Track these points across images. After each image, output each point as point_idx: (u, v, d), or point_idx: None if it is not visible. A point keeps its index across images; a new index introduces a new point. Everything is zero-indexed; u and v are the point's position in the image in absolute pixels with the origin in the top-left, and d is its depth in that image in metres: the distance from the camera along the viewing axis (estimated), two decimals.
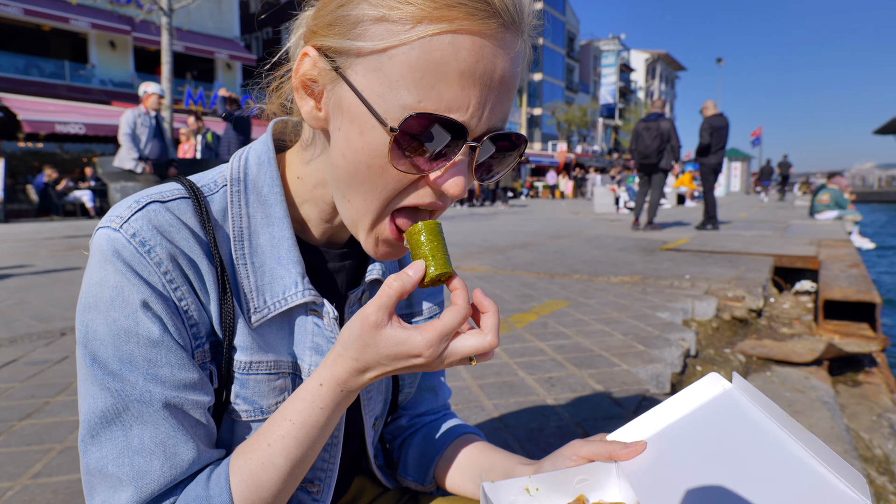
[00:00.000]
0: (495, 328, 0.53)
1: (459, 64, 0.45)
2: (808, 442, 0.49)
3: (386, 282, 0.51)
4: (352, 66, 0.48)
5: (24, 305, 3.44)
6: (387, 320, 0.50)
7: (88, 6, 16.79)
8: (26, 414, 1.80)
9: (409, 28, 0.45)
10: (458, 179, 0.50)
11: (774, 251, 5.43)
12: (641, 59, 66.09)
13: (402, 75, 0.46)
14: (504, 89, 0.49)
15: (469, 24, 0.45)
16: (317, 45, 0.51)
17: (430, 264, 0.53)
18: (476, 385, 2.05)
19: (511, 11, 0.47)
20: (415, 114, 0.45)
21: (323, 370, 0.54)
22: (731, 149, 29.54)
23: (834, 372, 2.96)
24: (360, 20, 0.47)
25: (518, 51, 0.49)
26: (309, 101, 0.53)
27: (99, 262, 0.50)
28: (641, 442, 0.58)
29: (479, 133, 0.49)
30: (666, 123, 7.75)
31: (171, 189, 0.56)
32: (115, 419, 0.50)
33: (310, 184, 0.60)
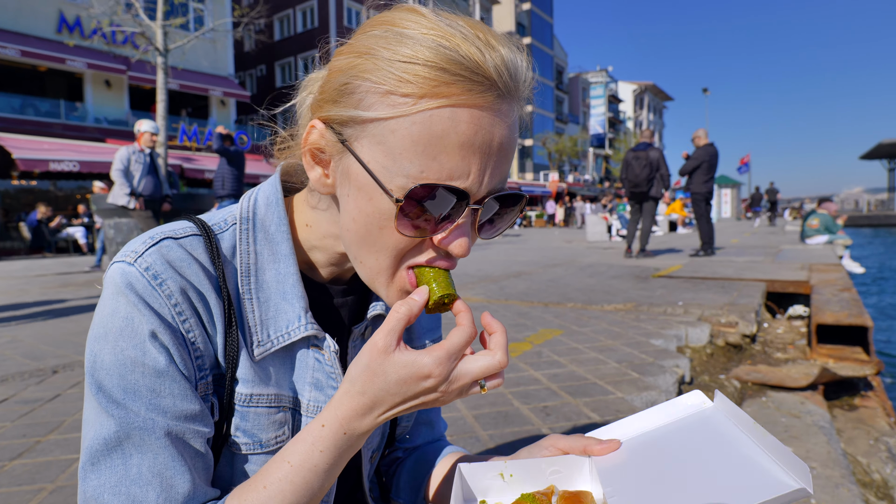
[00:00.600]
0: (504, 346, 0.53)
1: (459, 136, 0.48)
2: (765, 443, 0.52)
3: (393, 308, 0.52)
4: (357, 139, 0.52)
5: (16, 344, 3.41)
6: (395, 345, 0.51)
7: (85, 47, 17.08)
8: (17, 454, 1.77)
9: (411, 103, 0.48)
10: (463, 240, 0.53)
11: (766, 276, 5.47)
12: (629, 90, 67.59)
13: (405, 148, 0.49)
14: (502, 154, 0.52)
15: (467, 99, 0.48)
16: (324, 118, 0.54)
17: (434, 287, 0.54)
18: (471, 416, 2.04)
19: (508, 83, 0.50)
20: (419, 185, 0.49)
21: (327, 410, 0.54)
22: (721, 176, 30.00)
23: (829, 396, 2.97)
24: (365, 94, 0.50)
25: (514, 116, 0.53)
26: (317, 169, 0.57)
27: (112, 294, 0.53)
28: (616, 440, 0.61)
29: (480, 196, 0.52)
30: (655, 153, 7.91)
31: (184, 227, 0.59)
32: (116, 447, 0.51)
33: (319, 233, 0.63)
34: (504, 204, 0.56)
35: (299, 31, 29.71)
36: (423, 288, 0.54)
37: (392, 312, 0.52)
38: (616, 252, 9.97)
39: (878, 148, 43.02)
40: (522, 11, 46.22)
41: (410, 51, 0.48)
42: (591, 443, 0.61)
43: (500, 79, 0.49)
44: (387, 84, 0.49)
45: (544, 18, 49.16)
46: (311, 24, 29.17)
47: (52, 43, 16.80)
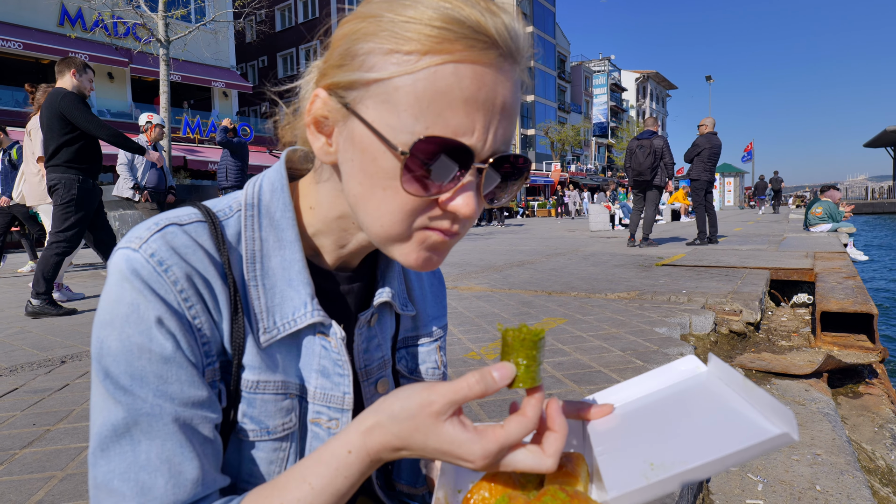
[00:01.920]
0: (558, 453, 0.50)
1: (463, 91, 0.48)
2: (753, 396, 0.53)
3: (468, 379, 0.49)
4: (362, 101, 0.51)
5: (24, 334, 3.44)
6: (450, 415, 0.49)
7: (87, 39, 17.07)
8: (27, 442, 1.79)
9: (415, 60, 0.48)
10: (468, 198, 0.52)
11: (770, 264, 5.46)
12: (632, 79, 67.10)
13: (410, 105, 0.48)
14: (506, 114, 0.52)
15: (470, 55, 0.48)
16: (327, 86, 0.54)
17: (521, 378, 0.50)
18: (476, 403, 2.05)
19: (509, 42, 0.50)
20: (423, 137, 0.48)
21: (356, 436, 0.51)
22: (724, 164, 29.84)
23: (834, 384, 2.97)
24: (368, 54, 0.50)
25: (516, 78, 0.53)
26: (320, 138, 0.56)
27: (117, 280, 0.52)
28: (609, 405, 0.61)
29: (485, 156, 0.52)
30: (659, 141, 7.87)
31: (189, 213, 0.58)
32: (125, 433, 0.51)
33: (322, 213, 0.63)
34: (508, 168, 0.56)
35: (300, 21, 29.56)
36: (508, 369, 0.50)
37: (464, 383, 0.49)
38: (619, 241, 9.95)
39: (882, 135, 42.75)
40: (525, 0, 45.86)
41: (413, 12, 0.49)
42: (583, 407, 0.61)
43: (500, 38, 0.50)
44: (389, 44, 0.49)
45: (547, 7, 48.74)
46: (312, 15, 29.03)
47: (54, 35, 16.80)
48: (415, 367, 0.76)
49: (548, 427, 0.52)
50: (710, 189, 8.39)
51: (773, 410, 0.48)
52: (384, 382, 0.71)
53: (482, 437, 0.48)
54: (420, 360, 0.76)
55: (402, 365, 0.75)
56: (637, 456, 0.52)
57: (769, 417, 0.49)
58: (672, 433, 0.53)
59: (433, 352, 0.77)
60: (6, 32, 15.63)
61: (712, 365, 0.61)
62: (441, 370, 0.78)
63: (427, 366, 0.77)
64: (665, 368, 0.64)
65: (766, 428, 0.47)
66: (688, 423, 0.54)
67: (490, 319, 3.51)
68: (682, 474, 0.48)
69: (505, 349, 0.52)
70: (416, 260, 0.56)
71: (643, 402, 0.61)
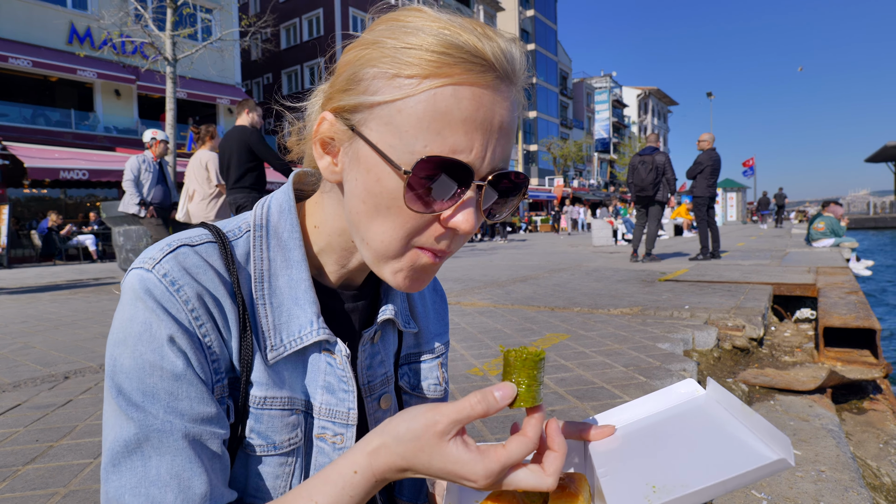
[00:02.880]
0: (557, 473, 0.52)
1: (462, 112, 0.50)
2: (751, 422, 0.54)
3: (470, 400, 0.51)
4: (366, 123, 0.54)
5: (28, 350, 3.45)
6: (454, 435, 0.50)
7: (95, 57, 17.30)
8: (31, 458, 1.80)
9: (416, 83, 0.51)
10: (468, 215, 0.54)
11: (773, 280, 5.46)
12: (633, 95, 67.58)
13: (411, 125, 0.51)
14: (503, 133, 0.54)
15: (468, 77, 0.51)
16: (333, 109, 0.57)
17: (522, 397, 0.52)
18: (479, 421, 2.05)
19: (505, 65, 0.53)
20: (424, 157, 0.50)
21: (361, 456, 0.52)
22: (727, 179, 29.93)
23: (838, 400, 2.95)
24: (372, 79, 0.53)
25: (513, 99, 0.55)
26: (326, 158, 0.59)
27: (130, 299, 0.54)
28: (611, 426, 0.62)
29: (484, 173, 0.54)
30: (661, 157, 7.92)
31: (200, 234, 0.61)
32: (136, 449, 0.52)
33: (325, 232, 0.65)
34: (507, 184, 0.58)
35: (305, 39, 29.95)
36: (509, 389, 0.52)
37: (466, 403, 0.51)
38: (621, 256, 9.95)
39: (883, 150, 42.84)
40: (526, 18, 46.39)
41: (415, 38, 0.51)
42: (585, 428, 0.62)
43: (497, 62, 0.52)
44: (392, 68, 0.52)
45: (548, 25, 49.31)
46: (316, 33, 29.41)
47: (63, 54, 17.03)
48: (417, 383, 0.77)
49: (548, 446, 0.53)
50: (712, 204, 8.42)
51: (770, 436, 0.50)
52: (387, 398, 0.72)
53: (484, 457, 0.49)
54: (422, 376, 0.77)
55: (404, 381, 0.76)
56: (639, 478, 0.53)
57: (767, 443, 0.51)
58: (672, 456, 0.55)
59: (435, 368, 0.78)
60: (16, 50, 15.87)
61: (710, 389, 0.63)
62: (443, 386, 0.79)
63: (429, 382, 0.78)
64: (664, 391, 0.66)
65: (764, 454, 0.49)
66: (688, 447, 0.55)
67: (493, 335, 3.51)
68: (683, 498, 0.49)
69: (506, 369, 0.53)
70: (404, 280, 0.58)
71: (643, 423, 0.62)
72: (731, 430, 0.55)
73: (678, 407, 0.63)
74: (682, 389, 0.65)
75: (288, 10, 30.31)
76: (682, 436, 0.58)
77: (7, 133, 15.61)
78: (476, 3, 38.96)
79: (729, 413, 0.58)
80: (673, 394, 0.65)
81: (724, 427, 0.56)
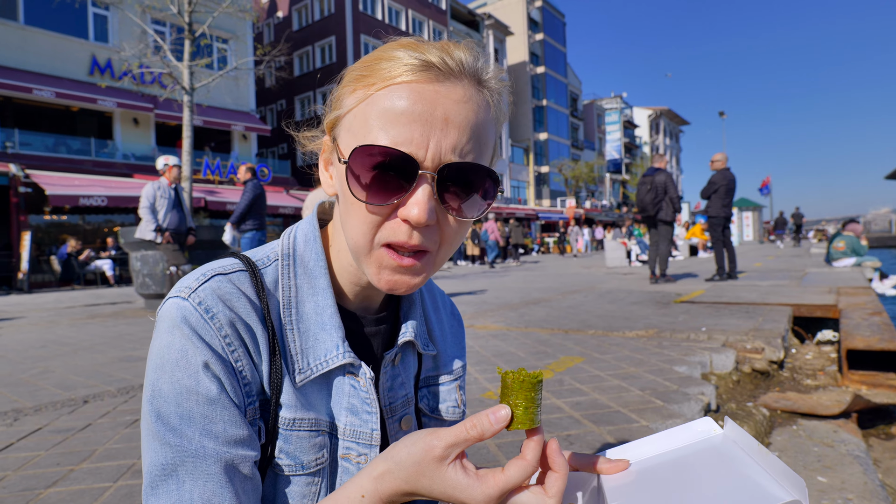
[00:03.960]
0: (560, 494, 0.52)
1: (401, 107, 0.55)
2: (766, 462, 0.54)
3: (465, 424, 0.52)
4: (339, 135, 0.61)
5: (48, 374, 3.49)
6: (452, 459, 0.51)
7: (115, 87, 17.81)
8: (52, 482, 1.81)
9: (367, 91, 0.57)
10: (418, 204, 0.55)
11: (792, 301, 5.37)
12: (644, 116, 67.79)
13: (363, 125, 0.57)
14: (451, 126, 0.56)
15: (409, 77, 0.56)
16: (327, 128, 0.64)
17: (519, 419, 0.52)
18: (493, 444, 2.03)
19: (448, 64, 0.57)
20: (358, 146, 0.55)
21: (368, 482, 0.54)
22: (742, 199, 29.69)
23: (864, 424, 2.88)
24: (342, 97, 0.61)
25: (464, 93, 0.57)
26: (325, 174, 0.66)
27: (168, 328, 0.57)
28: (625, 460, 0.62)
29: (433, 165, 0.56)
30: (661, 176, 7.97)
31: (232, 263, 0.64)
32: (172, 473, 0.54)
33: (336, 250, 0.69)
34: (471, 179, 0.59)
35: (318, 66, 30.58)
36: (504, 412, 0.52)
37: (463, 428, 0.52)
38: (636, 278, 9.88)
39: None
40: (536, 42, 47.00)
41: (376, 59, 0.58)
42: (600, 461, 0.62)
43: (438, 61, 0.56)
44: (353, 84, 0.59)
45: (557, 48, 49.89)
46: (329, 60, 30.04)
47: (84, 84, 17.54)
48: (436, 405, 0.79)
49: (549, 467, 0.54)
50: (727, 224, 8.36)
51: (785, 478, 0.51)
52: (408, 420, 0.73)
53: (483, 481, 0.51)
54: (441, 398, 0.79)
55: (423, 403, 0.77)
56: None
57: (782, 484, 0.51)
58: (687, 495, 0.55)
59: (453, 391, 0.80)
60: (40, 82, 16.38)
61: (728, 428, 0.63)
62: (461, 409, 0.81)
63: (447, 404, 0.79)
64: (681, 428, 0.66)
65: (777, 495, 0.50)
66: (703, 486, 0.55)
67: (507, 358, 3.49)
68: None
69: (504, 391, 0.54)
70: (378, 279, 0.60)
71: (659, 460, 0.63)
72: (746, 471, 0.55)
73: (694, 445, 0.64)
74: (700, 427, 0.65)
75: (301, 38, 31.06)
76: (698, 475, 0.58)
77: (30, 161, 16.03)
78: (485, 29, 39.60)
79: (745, 453, 0.58)
80: (690, 431, 0.65)
81: (739, 468, 0.56)
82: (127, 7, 16.78)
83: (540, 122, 46.77)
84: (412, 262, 0.59)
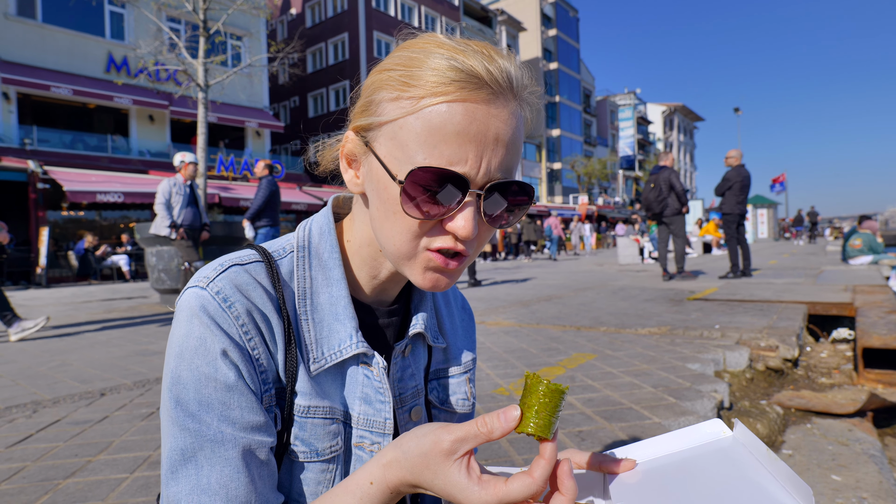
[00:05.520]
0: None
1: (455, 126, 0.55)
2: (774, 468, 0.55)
3: (476, 422, 0.52)
4: (376, 140, 0.60)
5: (66, 367, 3.56)
6: (460, 456, 0.52)
7: (131, 85, 18.02)
8: (70, 472, 1.85)
9: (414, 103, 0.56)
10: (465, 220, 0.57)
11: (807, 298, 5.31)
12: (658, 112, 67.14)
13: (411, 140, 0.56)
14: (500, 145, 0.57)
15: (462, 95, 0.55)
16: (354, 129, 0.63)
17: (531, 422, 0.51)
18: (506, 439, 2.04)
19: (500, 82, 0.57)
20: (417, 168, 0.55)
21: (376, 469, 0.55)
22: (757, 196, 29.38)
23: (880, 424, 2.84)
24: (381, 102, 0.59)
25: (511, 113, 0.58)
26: (350, 171, 0.66)
27: (187, 316, 0.59)
28: (632, 460, 0.62)
29: (481, 183, 0.57)
30: (665, 173, 7.97)
31: (249, 254, 0.66)
32: (191, 458, 0.56)
33: (356, 245, 0.70)
34: (511, 194, 0.61)
35: (331, 63, 30.68)
36: (515, 413, 0.52)
37: (473, 426, 0.52)
38: (649, 275, 9.81)
39: None
40: (549, 38, 46.73)
41: (417, 63, 0.57)
42: (606, 460, 0.63)
43: (490, 79, 0.56)
44: (396, 91, 0.57)
45: (570, 44, 49.55)
46: (342, 57, 30.11)
47: (101, 82, 17.77)
48: (445, 398, 0.80)
49: (558, 485, 0.53)
50: (741, 222, 8.28)
51: (792, 484, 0.51)
52: (417, 411, 0.75)
53: (483, 487, 0.51)
54: (451, 391, 0.80)
55: (433, 395, 0.79)
56: None
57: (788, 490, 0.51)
58: (693, 497, 0.55)
59: (463, 383, 0.81)
60: (58, 79, 16.62)
61: (737, 431, 0.63)
62: (471, 401, 0.82)
63: (457, 397, 0.80)
64: (690, 430, 0.66)
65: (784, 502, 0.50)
66: (708, 489, 0.56)
67: (519, 355, 3.49)
68: None
69: (524, 393, 0.54)
70: (423, 279, 0.62)
71: (666, 461, 0.63)
72: (753, 476, 0.55)
73: (702, 447, 0.64)
74: (708, 429, 0.65)
75: (314, 35, 31.16)
76: (704, 477, 0.58)
77: (48, 158, 16.28)
78: (498, 25, 39.44)
79: (753, 457, 0.58)
80: (698, 433, 0.65)
81: (746, 472, 0.56)
82: (143, 5, 16.93)
83: (553, 118, 46.52)
84: (455, 265, 0.61)
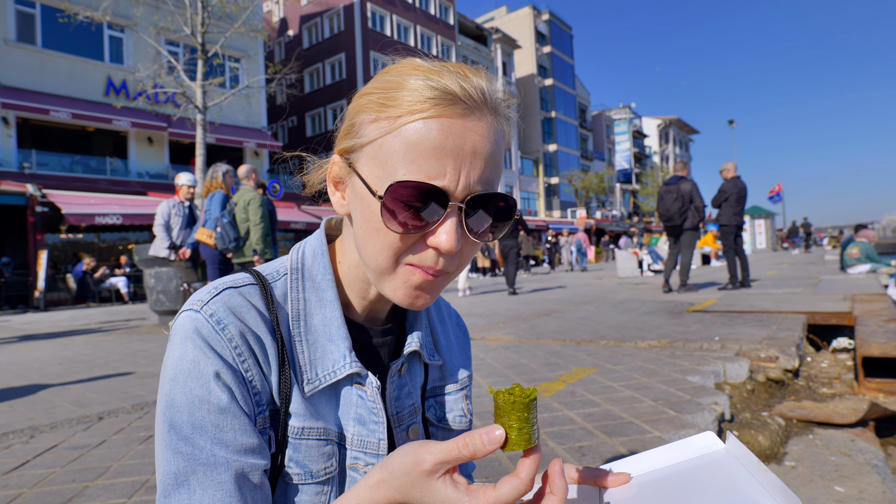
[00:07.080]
0: None
1: (431, 141, 0.56)
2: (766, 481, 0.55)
3: (458, 442, 0.51)
4: (359, 160, 0.61)
5: (64, 391, 3.54)
6: (442, 474, 0.51)
7: (130, 107, 18.16)
8: (68, 499, 1.83)
9: (392, 122, 0.58)
10: (447, 233, 0.58)
11: (807, 308, 5.31)
12: (654, 125, 67.66)
13: (391, 157, 0.58)
14: (478, 158, 0.58)
15: (437, 111, 0.57)
16: (339, 151, 0.65)
17: (514, 441, 0.51)
18: (505, 456, 2.03)
19: (474, 97, 0.58)
20: (395, 182, 0.57)
21: (364, 491, 0.55)
22: (755, 206, 29.45)
23: (882, 433, 2.83)
24: (361, 124, 0.61)
25: (488, 126, 0.59)
26: (337, 194, 0.67)
27: (181, 339, 0.59)
28: (626, 474, 0.62)
29: (461, 196, 0.58)
30: (686, 185, 7.90)
31: (243, 277, 0.67)
32: (184, 482, 0.56)
33: (346, 265, 0.71)
34: (493, 207, 0.62)
35: (328, 83, 30.97)
36: (498, 433, 0.51)
37: (454, 445, 0.51)
38: (648, 288, 9.81)
39: None
40: (543, 54, 47.25)
41: (395, 86, 0.59)
42: (601, 474, 0.63)
43: (465, 95, 0.58)
44: (375, 113, 0.59)
45: (565, 60, 50.09)
46: (339, 77, 30.41)
47: (99, 105, 17.90)
48: (443, 415, 0.80)
49: (550, 486, 0.54)
50: (739, 233, 8.30)
51: (783, 496, 0.52)
52: (415, 429, 0.75)
53: (472, 497, 0.51)
54: (447, 408, 0.80)
55: (430, 413, 0.79)
56: None
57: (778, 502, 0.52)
58: None
59: (459, 400, 0.81)
60: (57, 103, 16.75)
61: (730, 444, 0.63)
62: (468, 418, 0.82)
63: (454, 414, 0.80)
64: (682, 443, 0.66)
65: None
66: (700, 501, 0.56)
67: (519, 370, 3.48)
68: None
69: (497, 412, 0.53)
70: (403, 295, 0.62)
71: (659, 474, 0.63)
72: (744, 488, 0.56)
73: (695, 460, 0.64)
74: (701, 442, 0.66)
75: (311, 55, 31.50)
76: (697, 490, 0.58)
77: (47, 181, 16.33)
78: (493, 43, 39.90)
79: (745, 470, 0.59)
80: (691, 446, 0.66)
81: (737, 484, 0.57)
82: (142, 29, 17.15)
83: (549, 133, 46.83)
84: (434, 281, 0.62)
